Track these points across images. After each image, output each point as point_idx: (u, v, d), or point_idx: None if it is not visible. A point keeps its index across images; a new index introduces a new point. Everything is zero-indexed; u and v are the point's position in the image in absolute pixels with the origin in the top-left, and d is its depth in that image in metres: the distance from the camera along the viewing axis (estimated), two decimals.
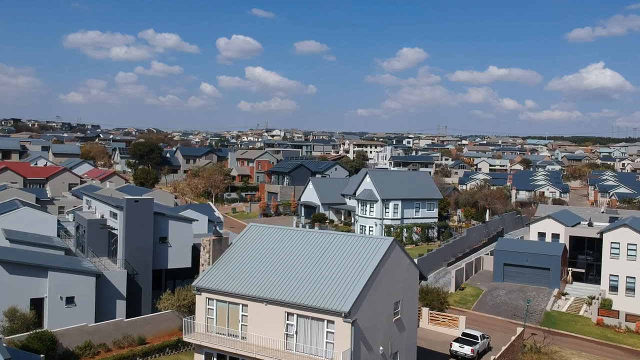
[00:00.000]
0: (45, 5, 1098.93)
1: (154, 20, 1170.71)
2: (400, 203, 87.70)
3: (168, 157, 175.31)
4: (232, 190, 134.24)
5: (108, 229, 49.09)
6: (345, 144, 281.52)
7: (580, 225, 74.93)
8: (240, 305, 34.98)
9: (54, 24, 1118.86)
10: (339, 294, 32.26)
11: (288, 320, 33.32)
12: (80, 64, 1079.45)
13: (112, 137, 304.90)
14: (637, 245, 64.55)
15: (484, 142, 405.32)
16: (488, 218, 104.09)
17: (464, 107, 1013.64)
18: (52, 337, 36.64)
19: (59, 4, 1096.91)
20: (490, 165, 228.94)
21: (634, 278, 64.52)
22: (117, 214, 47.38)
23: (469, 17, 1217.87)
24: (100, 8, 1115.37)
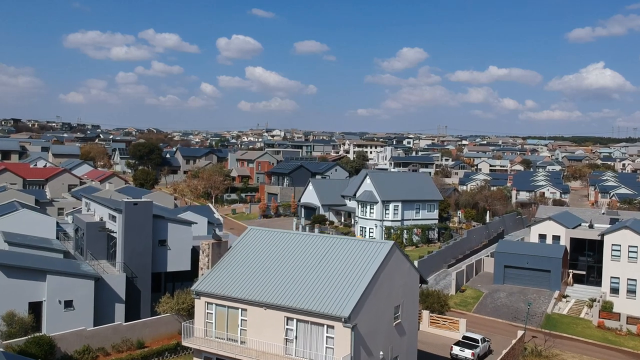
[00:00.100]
0: (45, 5, 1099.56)
1: (154, 20, 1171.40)
2: (401, 204, 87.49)
3: (168, 157, 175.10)
4: (232, 191, 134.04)
5: (107, 232, 48.89)
6: (346, 144, 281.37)
7: (581, 227, 74.70)
8: (240, 310, 34.82)
9: (54, 24, 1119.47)
10: (339, 299, 32.07)
11: (288, 325, 33.14)
12: (81, 64, 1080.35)
13: (112, 137, 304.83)
14: (638, 248, 64.32)
15: (484, 142, 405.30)
16: (488, 219, 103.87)
17: (464, 107, 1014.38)
18: (50, 341, 36.43)
19: (59, 4, 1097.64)
20: (491, 166, 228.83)
21: (635, 280, 64.32)
22: (116, 217, 47.17)
23: (469, 17, 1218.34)
24: (101, 8, 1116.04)
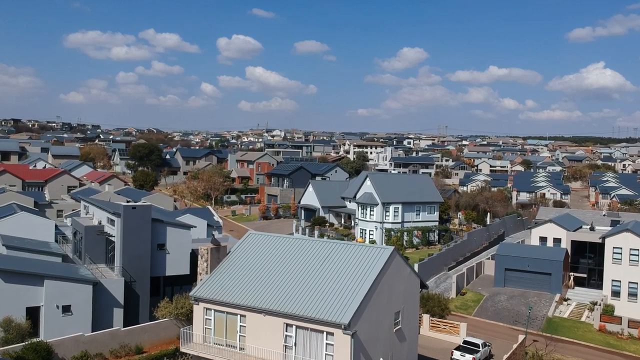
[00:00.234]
0: (46, 5, 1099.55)
1: (155, 20, 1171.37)
2: (401, 206, 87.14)
3: (168, 158, 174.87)
4: (231, 193, 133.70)
5: (105, 236, 48.60)
6: (346, 145, 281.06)
7: (582, 230, 74.35)
8: (239, 316, 34.52)
9: (55, 24, 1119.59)
10: (339, 305, 31.77)
11: (287, 332, 32.83)
12: (81, 64, 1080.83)
13: (112, 137, 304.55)
14: (639, 251, 64.03)
15: (485, 142, 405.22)
16: (489, 221, 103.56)
17: (465, 107, 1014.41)
18: (47, 347, 36.16)
19: (59, 4, 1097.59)
20: (491, 167, 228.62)
21: (637, 284, 64.00)
22: (114, 221, 46.87)
23: (469, 17, 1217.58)
24: (101, 8, 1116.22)
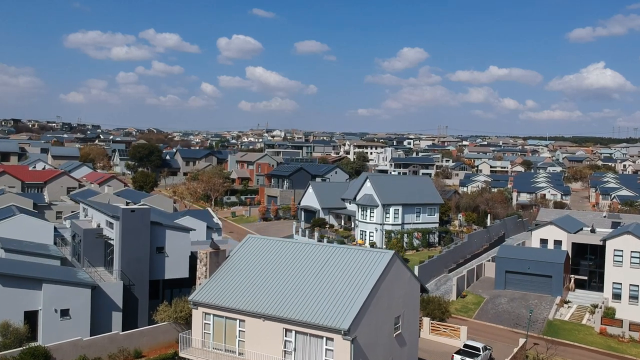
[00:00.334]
0: (46, 5, 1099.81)
1: (155, 20, 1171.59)
2: (401, 208, 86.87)
3: (167, 159, 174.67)
4: (231, 194, 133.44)
5: (104, 239, 48.34)
6: (346, 145, 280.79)
7: (583, 232, 74.10)
8: (238, 321, 34.33)
9: (55, 24, 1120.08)
10: (339, 311, 31.56)
11: (286, 337, 32.64)
12: (81, 64, 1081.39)
13: (112, 137, 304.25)
14: None
15: (485, 142, 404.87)
16: (489, 223, 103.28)
17: (465, 107, 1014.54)
18: (45, 352, 35.92)
19: (60, 4, 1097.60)
20: (491, 167, 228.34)
21: (638, 286, 63.76)
22: (113, 224, 46.63)
23: (469, 17, 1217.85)
24: (101, 8, 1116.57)
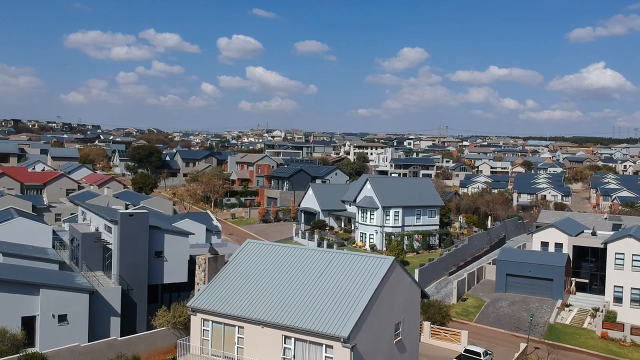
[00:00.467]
0: (46, 5, 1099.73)
1: (155, 20, 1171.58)
2: (401, 210, 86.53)
3: (167, 160, 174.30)
4: (231, 195, 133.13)
5: (103, 243, 48.08)
6: (346, 146, 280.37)
7: (584, 235, 73.77)
8: (237, 327, 33.96)
9: (55, 24, 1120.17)
10: (338, 318, 31.23)
11: (285, 344, 32.29)
12: (81, 64, 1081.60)
13: (112, 138, 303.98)
14: None
15: (485, 143, 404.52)
16: (490, 224, 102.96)
17: (465, 107, 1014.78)
18: (42, 358, 35.59)
19: (60, 4, 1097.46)
20: (492, 168, 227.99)
21: (639, 289, 63.41)
22: (111, 228, 46.35)
23: (469, 17, 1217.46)
24: (101, 8, 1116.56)
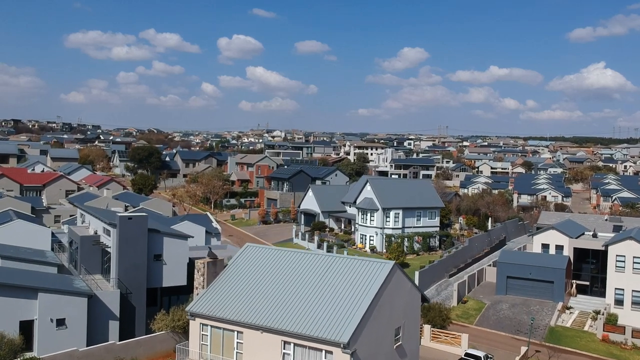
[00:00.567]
0: (46, 5, 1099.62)
1: (155, 20, 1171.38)
2: (401, 212, 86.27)
3: (167, 160, 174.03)
4: (231, 196, 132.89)
5: (101, 246, 47.82)
6: (346, 146, 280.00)
7: (585, 237, 73.48)
8: (236, 332, 33.79)
9: (55, 24, 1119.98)
10: (338, 323, 31.01)
11: (284, 349, 32.10)
12: (82, 64, 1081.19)
13: (112, 138, 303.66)
14: None
15: (485, 143, 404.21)
16: (490, 226, 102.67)
17: (465, 107, 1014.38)
18: None
19: (60, 4, 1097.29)
20: (492, 168, 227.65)
21: None
22: (110, 231, 46.09)
23: (469, 17, 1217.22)
24: (101, 8, 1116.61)
